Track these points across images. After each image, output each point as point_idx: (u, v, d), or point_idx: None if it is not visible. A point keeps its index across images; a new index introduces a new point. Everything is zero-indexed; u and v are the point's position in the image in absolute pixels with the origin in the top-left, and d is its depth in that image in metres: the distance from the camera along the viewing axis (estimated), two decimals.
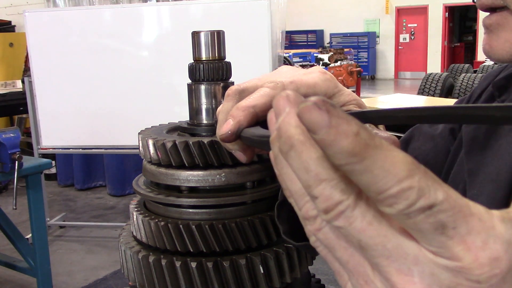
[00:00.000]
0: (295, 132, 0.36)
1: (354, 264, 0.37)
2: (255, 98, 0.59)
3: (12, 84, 7.36)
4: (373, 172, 0.33)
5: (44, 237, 3.83)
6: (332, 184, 0.35)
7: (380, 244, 0.35)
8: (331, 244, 0.38)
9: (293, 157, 0.36)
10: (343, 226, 0.35)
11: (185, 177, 0.70)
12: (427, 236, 0.33)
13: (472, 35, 20.67)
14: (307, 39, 21.59)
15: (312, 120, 0.34)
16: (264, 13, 4.86)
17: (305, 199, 0.38)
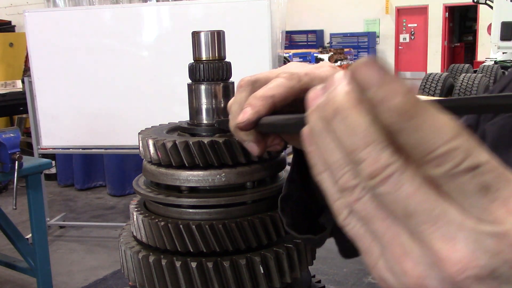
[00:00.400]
0: (343, 98, 0.36)
1: (392, 235, 0.37)
2: (273, 87, 0.59)
3: (12, 84, 7.36)
4: (423, 131, 0.33)
5: (44, 237, 3.82)
6: (381, 147, 0.35)
7: (427, 210, 0.35)
8: (369, 215, 0.37)
9: (339, 121, 0.36)
10: (389, 191, 0.35)
11: (185, 177, 0.70)
12: (471, 198, 0.34)
13: (472, 35, 20.66)
14: (307, 39, 21.58)
15: (366, 77, 0.34)
16: (264, 13, 4.86)
17: (344, 169, 0.37)
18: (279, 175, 0.77)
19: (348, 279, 3.72)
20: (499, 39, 10.63)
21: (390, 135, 0.35)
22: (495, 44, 10.83)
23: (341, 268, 3.82)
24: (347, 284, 3.63)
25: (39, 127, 5.45)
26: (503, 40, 10.59)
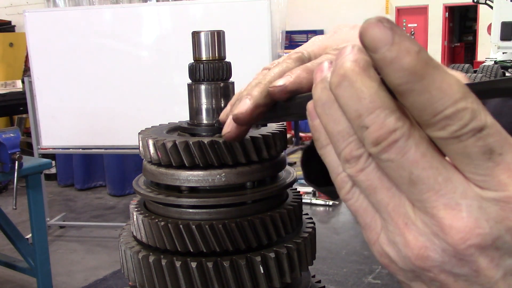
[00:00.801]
0: (350, 65, 0.36)
1: (395, 205, 0.37)
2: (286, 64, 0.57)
3: (12, 84, 7.36)
4: (431, 93, 0.33)
5: (44, 237, 3.82)
6: (387, 112, 0.34)
7: (432, 177, 0.34)
8: (373, 185, 0.37)
9: (345, 87, 0.36)
10: (394, 158, 0.35)
11: (185, 177, 0.70)
12: (475, 162, 0.33)
13: (472, 35, 20.65)
14: (307, 39, 21.46)
15: (376, 36, 0.33)
16: (264, 13, 4.86)
17: (349, 139, 0.37)
18: (279, 175, 0.77)
19: (348, 279, 3.72)
20: (499, 39, 10.63)
21: (397, 99, 0.35)
22: (495, 44, 10.83)
23: (341, 268, 3.83)
24: (347, 284, 3.63)
25: (39, 127, 5.45)
26: (503, 40, 10.59)
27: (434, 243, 0.35)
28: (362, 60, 0.36)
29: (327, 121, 0.38)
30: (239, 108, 0.56)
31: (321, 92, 0.39)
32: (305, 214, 0.80)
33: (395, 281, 1.66)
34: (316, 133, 0.40)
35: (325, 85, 0.38)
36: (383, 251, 0.38)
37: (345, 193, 0.40)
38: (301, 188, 3.12)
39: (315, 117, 0.40)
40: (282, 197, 0.77)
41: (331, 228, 4.73)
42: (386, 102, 0.35)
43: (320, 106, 0.39)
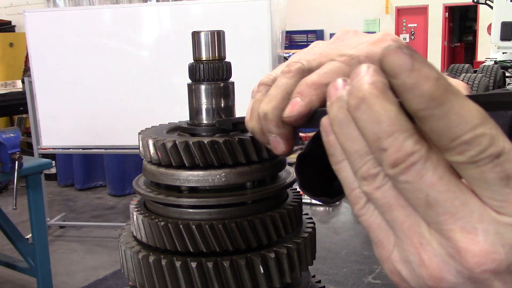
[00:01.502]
0: (368, 87, 0.36)
1: (410, 224, 0.37)
2: (328, 73, 0.51)
3: (12, 84, 7.36)
4: (450, 118, 0.33)
5: (44, 237, 3.83)
6: (405, 135, 0.35)
7: (449, 200, 0.35)
8: (389, 203, 0.37)
9: (364, 109, 0.36)
10: (411, 180, 0.35)
11: (185, 177, 0.70)
12: (492, 188, 0.34)
13: (472, 35, 20.65)
14: (307, 39, 21.58)
15: (396, 63, 0.34)
16: (264, 13, 4.86)
17: (366, 158, 0.38)
18: (279, 175, 0.77)
19: (348, 279, 3.72)
20: (499, 39, 10.63)
21: (415, 123, 0.35)
22: (495, 44, 10.83)
23: (341, 268, 3.83)
24: (347, 284, 3.63)
25: (39, 127, 5.45)
26: (503, 40, 10.59)
27: (449, 264, 0.35)
28: (379, 83, 0.36)
29: (344, 139, 0.39)
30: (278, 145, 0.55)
31: (338, 111, 0.39)
32: (305, 214, 0.80)
33: None
34: (331, 148, 0.41)
35: (341, 104, 0.38)
36: (395, 269, 0.39)
37: (359, 208, 0.40)
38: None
39: (329, 133, 0.40)
40: (282, 197, 0.77)
41: (331, 228, 4.73)
42: (405, 125, 0.35)
43: (337, 125, 0.39)
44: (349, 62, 0.51)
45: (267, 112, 0.53)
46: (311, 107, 0.50)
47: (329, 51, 0.55)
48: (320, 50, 0.56)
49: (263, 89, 0.57)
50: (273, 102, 0.52)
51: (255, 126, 0.56)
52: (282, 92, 0.52)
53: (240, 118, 0.72)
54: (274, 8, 5.33)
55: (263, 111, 0.53)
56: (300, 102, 0.50)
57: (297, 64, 0.54)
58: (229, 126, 0.72)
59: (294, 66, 0.54)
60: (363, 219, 0.40)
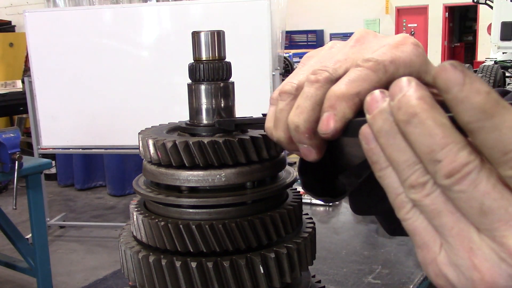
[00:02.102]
0: (418, 103, 0.38)
1: (459, 229, 0.38)
2: (357, 82, 0.50)
3: (12, 84, 7.36)
4: (501, 131, 0.35)
5: (44, 237, 3.83)
6: (459, 147, 0.36)
7: (503, 208, 0.36)
8: (438, 209, 0.39)
9: (416, 124, 0.37)
10: (466, 189, 0.36)
11: (185, 177, 0.69)
12: None
13: (472, 35, 20.65)
14: (307, 39, 21.58)
15: (448, 78, 0.36)
16: (264, 13, 4.86)
17: (415, 167, 0.39)
18: (279, 175, 0.77)
19: (348, 279, 3.72)
20: (499, 39, 10.63)
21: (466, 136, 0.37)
22: (495, 44, 10.83)
23: (341, 268, 3.83)
24: (347, 284, 3.64)
25: (39, 127, 5.45)
26: (503, 40, 10.59)
27: (501, 268, 0.37)
28: (427, 97, 0.38)
29: (392, 150, 0.40)
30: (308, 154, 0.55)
31: (383, 123, 0.40)
32: (305, 214, 0.80)
33: (395, 281, 1.66)
34: (374, 156, 0.42)
35: (386, 116, 0.40)
36: (440, 271, 0.40)
37: (405, 213, 0.41)
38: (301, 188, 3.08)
39: (371, 142, 0.42)
40: (282, 197, 0.77)
41: (331, 228, 4.74)
42: (457, 137, 0.37)
43: (383, 136, 0.40)
44: (375, 68, 0.50)
45: (298, 125, 0.53)
46: (346, 120, 0.50)
47: (353, 55, 0.54)
48: (344, 55, 0.55)
49: (286, 98, 0.56)
50: (304, 114, 0.52)
51: (282, 136, 0.56)
52: (312, 104, 0.52)
53: (242, 120, 0.72)
54: (274, 8, 5.33)
55: (294, 124, 0.53)
56: (334, 117, 0.49)
57: (324, 73, 0.52)
58: (232, 127, 0.72)
59: (321, 75, 0.53)
60: (408, 223, 0.41)
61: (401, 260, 2.36)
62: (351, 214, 3.19)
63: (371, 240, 2.71)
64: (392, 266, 2.33)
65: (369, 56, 0.51)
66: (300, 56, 14.11)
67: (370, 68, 0.50)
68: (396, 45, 0.53)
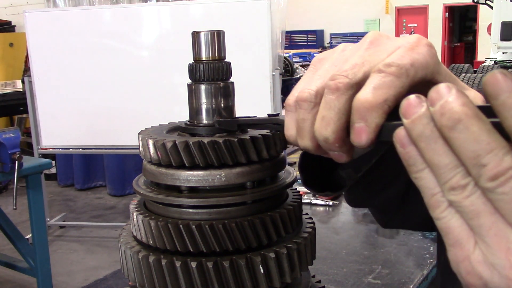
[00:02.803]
0: (462, 109, 0.39)
1: (497, 230, 0.40)
2: (383, 89, 0.49)
3: (12, 84, 7.36)
4: None
5: (44, 237, 3.82)
6: (504, 151, 0.38)
7: None
8: (477, 210, 0.41)
9: (461, 130, 0.39)
10: (509, 191, 0.39)
11: (185, 177, 0.69)
12: None
13: (472, 35, 20.65)
14: (307, 39, 21.58)
15: (497, 86, 0.38)
16: (264, 13, 4.86)
17: (456, 170, 0.41)
18: (279, 175, 0.77)
19: (348, 279, 3.72)
20: (499, 39, 10.63)
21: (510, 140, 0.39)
22: (495, 44, 10.83)
23: (341, 268, 3.83)
24: (347, 284, 3.64)
25: (39, 127, 5.45)
26: (503, 40, 10.59)
27: None
28: (469, 104, 0.40)
29: (432, 154, 0.42)
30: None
31: (424, 128, 0.42)
32: (305, 214, 0.80)
33: (395, 281, 1.66)
34: (410, 159, 0.44)
35: (426, 121, 0.42)
36: (473, 269, 0.42)
37: (440, 212, 0.43)
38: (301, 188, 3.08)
39: (406, 145, 0.44)
40: (282, 197, 0.77)
41: (331, 228, 4.74)
42: (502, 142, 0.39)
43: (424, 141, 0.42)
44: (398, 73, 0.50)
45: (327, 137, 0.53)
46: (378, 129, 0.50)
47: (369, 58, 0.53)
48: (360, 58, 0.54)
49: (307, 106, 0.55)
50: (331, 126, 0.52)
51: (309, 145, 0.57)
52: (337, 114, 0.52)
53: (246, 120, 0.72)
54: (274, 8, 5.33)
55: (323, 136, 0.53)
56: (366, 128, 0.50)
57: (344, 79, 0.52)
58: (234, 127, 0.72)
59: (342, 82, 0.52)
60: (442, 221, 0.43)
61: (401, 260, 2.36)
62: (351, 214, 3.19)
63: (371, 240, 2.71)
64: (392, 266, 2.33)
65: (389, 60, 0.51)
66: (300, 56, 14.10)
67: (393, 74, 0.50)
68: (412, 47, 0.52)
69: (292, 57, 12.25)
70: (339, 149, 0.54)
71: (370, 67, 0.52)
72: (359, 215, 3.14)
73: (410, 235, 2.63)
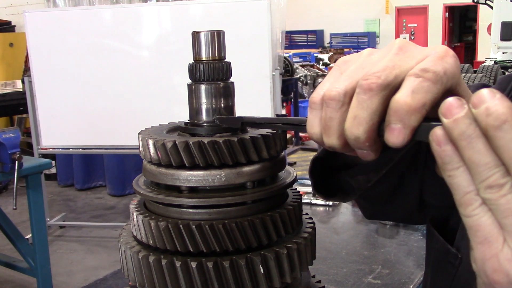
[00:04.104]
0: (508, 111, 0.42)
1: None
2: (421, 93, 0.50)
3: (12, 84, 7.36)
4: None
5: (44, 237, 3.82)
6: None
7: None
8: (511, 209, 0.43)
9: (506, 129, 0.42)
10: None
11: (185, 177, 0.69)
12: None
13: (472, 35, 20.65)
14: (307, 39, 21.58)
15: None
16: (264, 13, 4.86)
17: (495, 169, 0.43)
18: (279, 175, 0.77)
19: (348, 279, 3.72)
20: (499, 39, 10.63)
21: None
22: (495, 44, 10.83)
23: (341, 268, 3.83)
24: (347, 284, 3.63)
25: (39, 127, 5.45)
26: (503, 40, 10.59)
27: None
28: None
29: (473, 153, 0.44)
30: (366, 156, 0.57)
31: (467, 128, 0.44)
32: (305, 214, 0.80)
33: (395, 281, 1.66)
34: (446, 157, 0.46)
35: (469, 121, 0.44)
36: (500, 267, 0.43)
37: (472, 210, 0.45)
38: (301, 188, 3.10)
39: (444, 144, 0.46)
40: (282, 197, 0.77)
41: (331, 228, 4.74)
42: None
43: (465, 139, 0.44)
44: (435, 79, 0.51)
45: (359, 136, 0.54)
46: (414, 131, 0.51)
47: (400, 63, 0.54)
48: (391, 61, 0.54)
49: (335, 105, 0.55)
50: (363, 125, 0.53)
51: (336, 143, 0.57)
52: (370, 114, 0.53)
53: (251, 118, 0.71)
54: (274, 8, 5.33)
55: (354, 135, 0.54)
56: (403, 130, 0.50)
57: (378, 80, 0.52)
58: (238, 125, 0.72)
59: (375, 82, 0.52)
60: (473, 219, 0.45)
61: (401, 260, 2.36)
62: (351, 214, 3.19)
63: (371, 240, 2.71)
64: (392, 266, 2.33)
65: (424, 66, 0.52)
66: (300, 56, 14.09)
67: (430, 80, 0.51)
68: (441, 57, 0.53)
69: (292, 57, 12.24)
70: (369, 148, 0.55)
71: (401, 71, 0.53)
72: (359, 215, 3.14)
73: (410, 235, 2.63)
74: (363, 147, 0.55)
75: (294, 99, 9.59)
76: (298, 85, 9.64)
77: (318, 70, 10.93)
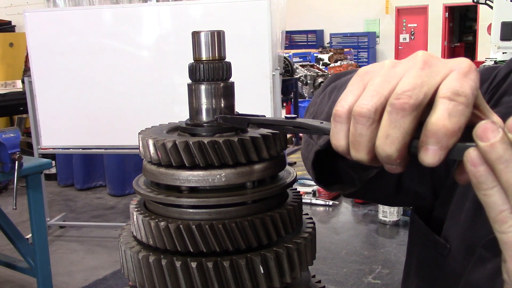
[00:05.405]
0: None
1: None
2: (457, 119, 0.52)
3: (12, 84, 7.36)
4: None
5: (44, 237, 3.82)
6: None
7: None
8: None
9: None
10: None
11: (185, 177, 0.70)
12: None
13: (472, 35, 20.64)
14: (307, 39, 21.57)
15: None
16: (264, 13, 4.86)
17: None
18: (279, 175, 0.78)
19: (348, 279, 3.72)
20: (499, 39, 10.62)
21: None
22: (495, 44, 10.83)
23: (341, 268, 3.82)
24: (347, 284, 3.63)
25: (39, 127, 5.45)
26: (503, 40, 10.58)
27: None
28: None
29: (505, 172, 0.47)
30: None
31: (504, 152, 0.47)
32: (305, 214, 0.80)
33: (395, 281, 1.67)
34: (482, 177, 0.48)
35: (506, 146, 0.47)
36: None
37: (507, 227, 0.48)
38: (301, 188, 3.11)
39: (478, 165, 0.48)
40: (282, 197, 0.77)
41: (331, 228, 4.73)
42: None
43: (503, 163, 0.47)
44: (467, 103, 0.52)
45: (391, 154, 0.55)
46: (448, 151, 0.52)
47: (427, 79, 0.54)
48: (418, 78, 0.55)
49: (365, 122, 0.55)
50: (396, 144, 0.54)
51: (365, 157, 0.57)
52: (403, 133, 0.54)
53: (258, 119, 0.71)
54: (274, 8, 5.33)
55: (387, 153, 0.55)
56: (440, 151, 0.52)
57: (410, 100, 0.53)
58: (244, 125, 0.71)
59: (407, 103, 0.53)
60: (508, 235, 0.48)
61: (401, 260, 2.36)
62: (351, 214, 3.19)
63: (371, 240, 2.71)
64: (392, 266, 2.33)
65: (453, 87, 0.53)
66: (300, 56, 14.09)
67: (463, 104, 0.52)
68: (465, 73, 0.54)
69: (292, 57, 12.24)
70: (400, 163, 0.56)
71: (429, 88, 0.54)
72: (359, 215, 3.15)
73: None
74: (394, 163, 0.56)
75: (294, 99, 9.60)
76: (298, 85, 9.65)
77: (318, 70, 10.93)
